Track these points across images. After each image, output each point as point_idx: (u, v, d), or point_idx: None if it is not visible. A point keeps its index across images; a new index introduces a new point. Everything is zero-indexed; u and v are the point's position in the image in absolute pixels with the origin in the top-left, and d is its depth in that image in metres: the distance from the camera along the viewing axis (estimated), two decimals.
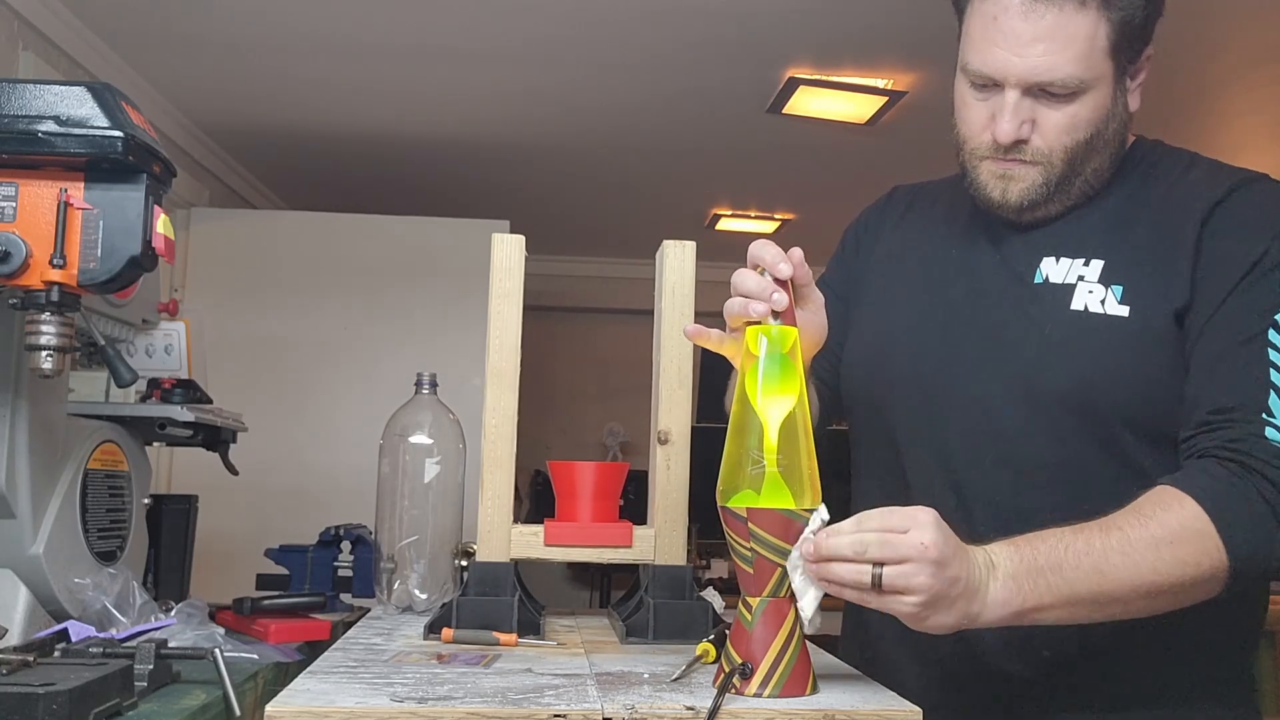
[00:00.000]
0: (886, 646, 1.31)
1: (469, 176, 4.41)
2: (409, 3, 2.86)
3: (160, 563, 1.72)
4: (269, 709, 0.86)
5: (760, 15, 2.87)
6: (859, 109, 3.50)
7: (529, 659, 1.09)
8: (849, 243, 1.46)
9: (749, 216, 4.93)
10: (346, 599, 1.74)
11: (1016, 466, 1.20)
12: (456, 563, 1.40)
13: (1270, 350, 1.12)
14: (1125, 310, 1.17)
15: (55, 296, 1.13)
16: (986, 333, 1.24)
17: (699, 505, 1.22)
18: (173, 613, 1.34)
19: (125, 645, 1.15)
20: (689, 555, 1.27)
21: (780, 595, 0.97)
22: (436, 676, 0.99)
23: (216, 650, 1.16)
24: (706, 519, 1.10)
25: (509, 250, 1.25)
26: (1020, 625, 1.03)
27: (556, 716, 0.87)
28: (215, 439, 1.77)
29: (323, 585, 1.74)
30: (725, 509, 0.98)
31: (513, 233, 1.26)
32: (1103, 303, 1.18)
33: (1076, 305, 1.19)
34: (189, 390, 1.67)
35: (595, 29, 2.99)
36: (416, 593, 1.39)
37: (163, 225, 1.16)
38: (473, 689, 0.94)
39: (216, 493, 2.05)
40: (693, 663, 1.04)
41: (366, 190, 4.56)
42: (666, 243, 1.29)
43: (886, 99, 3.40)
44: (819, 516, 0.97)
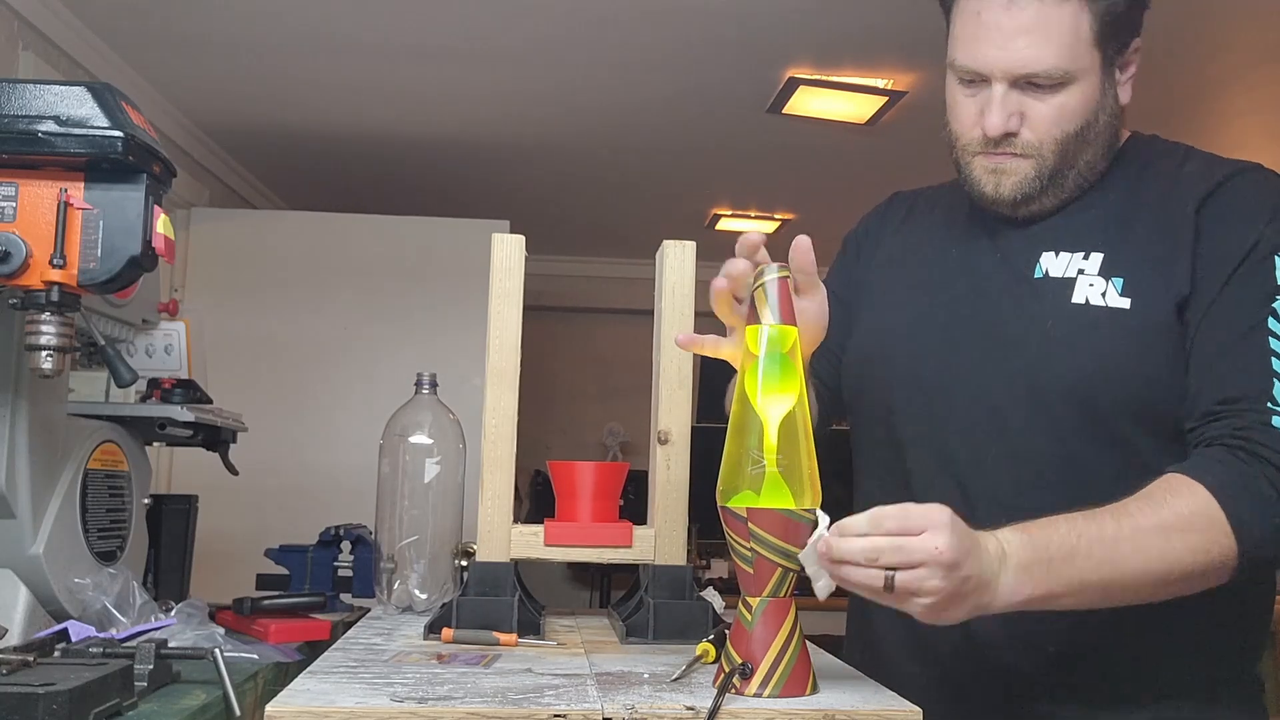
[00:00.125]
0: (888, 647, 1.31)
1: (469, 176, 4.41)
2: (409, 3, 2.86)
3: (160, 563, 1.72)
4: (269, 709, 0.86)
5: (760, 15, 2.87)
6: (859, 109, 3.50)
7: (529, 659, 1.09)
8: (850, 248, 1.47)
9: (749, 216, 4.93)
10: (346, 599, 1.74)
11: (1019, 464, 1.20)
12: (456, 563, 1.40)
13: (1271, 339, 1.12)
14: (1126, 302, 1.17)
15: (55, 296, 1.12)
16: (988, 330, 1.24)
17: (699, 505, 1.22)
18: (173, 613, 1.34)
19: (125, 645, 1.15)
20: (689, 555, 1.27)
21: (780, 595, 0.97)
22: (436, 676, 0.99)
23: (216, 650, 1.16)
24: (706, 519, 1.10)
25: (509, 250, 1.25)
26: (1028, 611, 1.03)
27: (556, 716, 0.87)
28: (215, 439, 1.77)
29: (323, 585, 1.74)
30: (725, 509, 0.98)
31: (513, 233, 1.26)
32: (1104, 295, 1.18)
33: (1078, 299, 1.19)
34: (189, 390, 1.67)
35: (595, 29, 2.99)
36: (416, 593, 1.39)
37: (163, 225, 1.16)
38: (473, 689, 0.94)
39: (216, 493, 2.05)
40: (693, 663, 1.04)
41: (366, 190, 4.56)
42: (666, 243, 1.29)
43: (886, 99, 3.39)
44: (824, 520, 0.96)
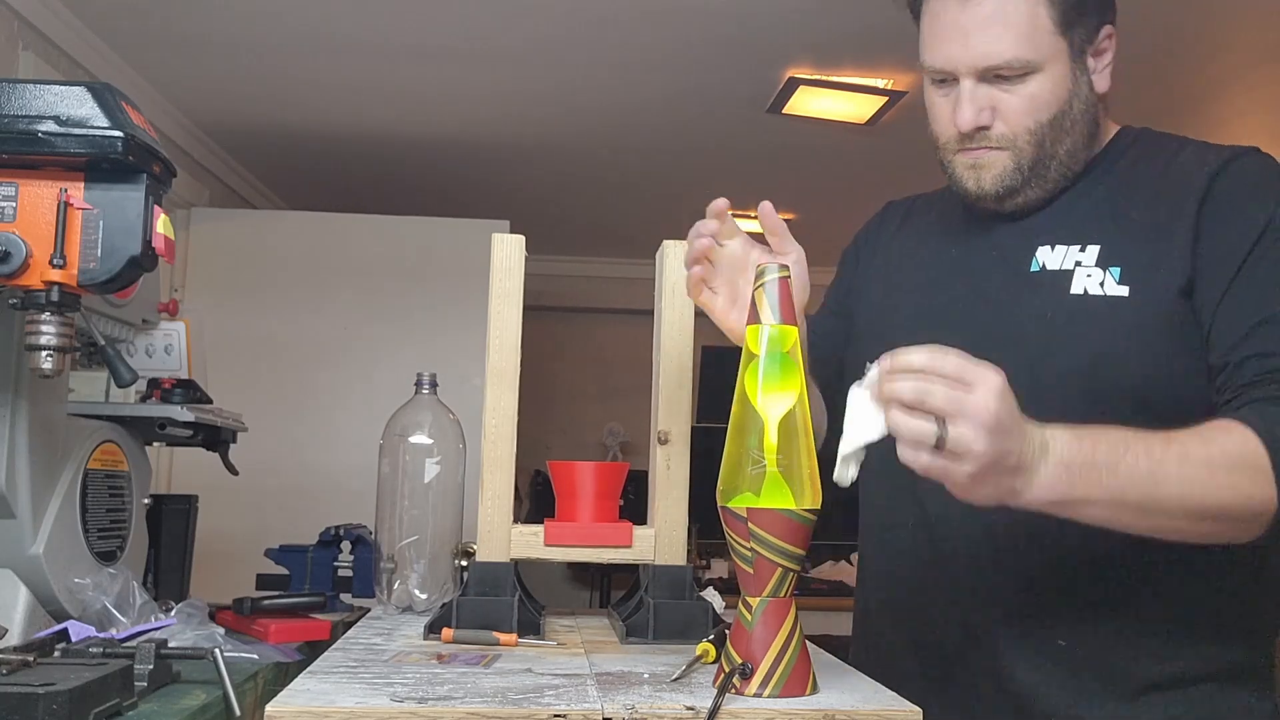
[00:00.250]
0: (888, 647, 1.31)
1: (469, 176, 4.41)
2: (409, 3, 2.86)
3: (160, 563, 1.72)
4: (269, 709, 0.86)
5: (760, 15, 2.87)
6: (859, 109, 3.50)
7: (529, 659, 1.09)
8: (848, 260, 1.49)
9: (749, 216, 4.91)
10: (346, 599, 1.74)
11: None
12: (456, 563, 1.40)
13: None
14: (1125, 290, 1.17)
15: (55, 296, 1.12)
16: (988, 327, 1.24)
17: (699, 505, 1.22)
18: (173, 613, 1.34)
19: (125, 645, 1.15)
20: (689, 555, 1.27)
21: (780, 595, 0.97)
22: (436, 676, 0.99)
23: (216, 650, 1.16)
24: (706, 519, 1.10)
25: (509, 250, 1.25)
26: (1029, 611, 1.02)
27: (556, 716, 0.87)
28: (215, 439, 1.77)
29: (323, 585, 1.74)
30: (725, 509, 0.98)
31: (513, 233, 1.26)
32: (1102, 285, 1.19)
33: (1076, 289, 1.19)
34: (189, 390, 1.67)
35: (595, 29, 2.99)
36: (416, 593, 1.39)
37: (163, 225, 1.15)
38: (473, 689, 0.94)
39: (216, 493, 2.05)
40: (693, 663, 1.03)
41: (366, 190, 4.56)
42: (666, 243, 1.29)
43: (886, 99, 3.40)
44: (874, 369, 0.96)
